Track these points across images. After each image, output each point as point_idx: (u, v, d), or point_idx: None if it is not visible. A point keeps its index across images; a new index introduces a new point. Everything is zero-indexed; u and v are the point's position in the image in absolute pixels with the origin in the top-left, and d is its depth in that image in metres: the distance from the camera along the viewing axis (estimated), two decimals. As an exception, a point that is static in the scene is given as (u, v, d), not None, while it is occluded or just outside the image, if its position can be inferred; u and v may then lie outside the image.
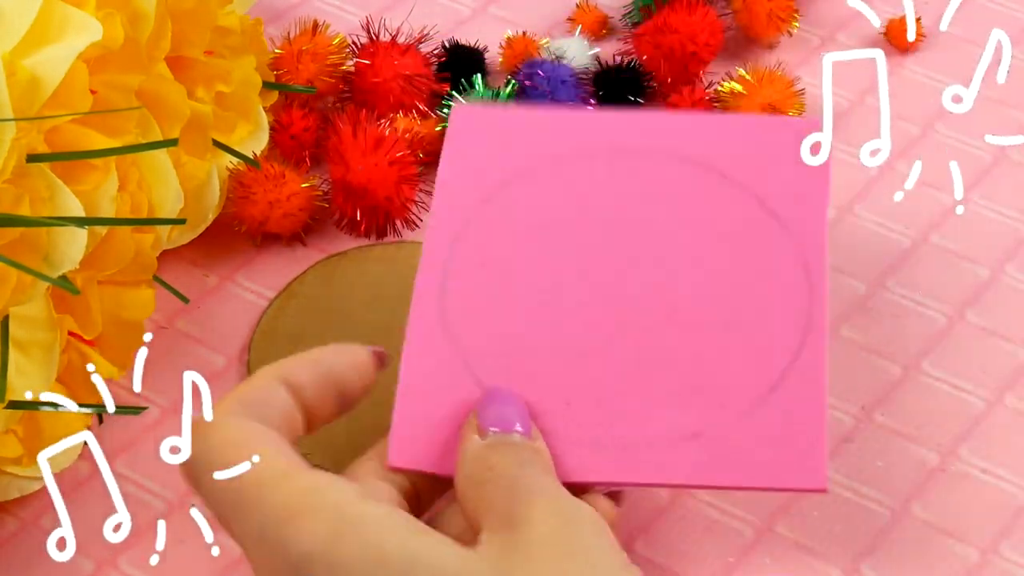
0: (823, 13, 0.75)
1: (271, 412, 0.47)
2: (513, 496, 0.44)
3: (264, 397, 0.47)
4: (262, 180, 0.63)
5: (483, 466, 0.46)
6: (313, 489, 0.44)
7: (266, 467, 0.44)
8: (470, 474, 0.46)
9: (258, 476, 0.44)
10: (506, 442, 0.47)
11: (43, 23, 0.52)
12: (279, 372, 0.47)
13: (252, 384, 0.47)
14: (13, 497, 0.54)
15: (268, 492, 0.44)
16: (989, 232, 0.66)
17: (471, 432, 0.47)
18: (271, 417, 0.46)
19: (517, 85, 0.68)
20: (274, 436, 0.46)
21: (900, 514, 0.56)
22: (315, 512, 0.43)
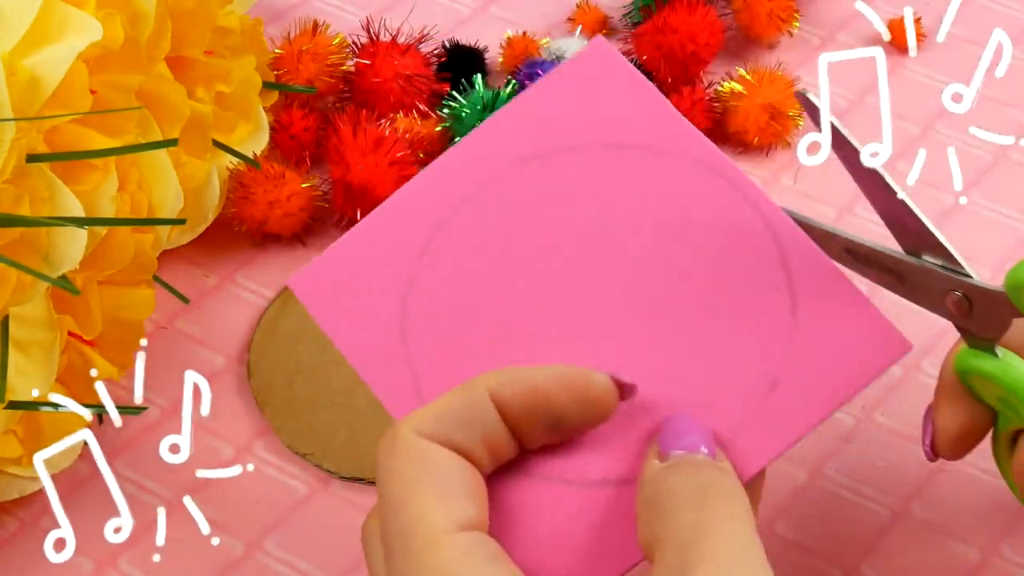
0: (823, 13, 0.75)
1: (470, 432, 0.43)
2: (688, 549, 0.40)
3: (467, 414, 0.43)
4: (262, 180, 0.63)
5: (664, 492, 0.42)
6: (452, 570, 0.41)
7: (424, 522, 0.41)
8: (648, 499, 0.42)
9: (411, 531, 0.41)
10: (687, 461, 0.43)
11: (43, 23, 0.52)
12: (492, 386, 0.44)
13: (459, 393, 0.44)
14: (13, 497, 0.54)
15: (415, 554, 0.41)
16: (989, 232, 0.66)
17: (651, 456, 0.44)
18: (466, 438, 0.43)
19: (517, 85, 0.68)
20: (453, 475, 0.42)
21: (900, 514, 0.56)
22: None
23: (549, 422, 0.44)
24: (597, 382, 0.44)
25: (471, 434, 0.43)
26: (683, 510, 0.41)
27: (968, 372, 0.48)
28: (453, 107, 0.67)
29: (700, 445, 0.43)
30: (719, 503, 0.41)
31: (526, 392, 0.43)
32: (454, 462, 0.43)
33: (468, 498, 0.42)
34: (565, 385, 0.44)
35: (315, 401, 0.59)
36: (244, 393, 0.59)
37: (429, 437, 0.43)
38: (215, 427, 0.58)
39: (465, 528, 0.41)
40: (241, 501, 0.56)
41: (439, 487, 0.42)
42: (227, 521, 0.55)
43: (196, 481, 0.56)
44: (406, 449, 0.43)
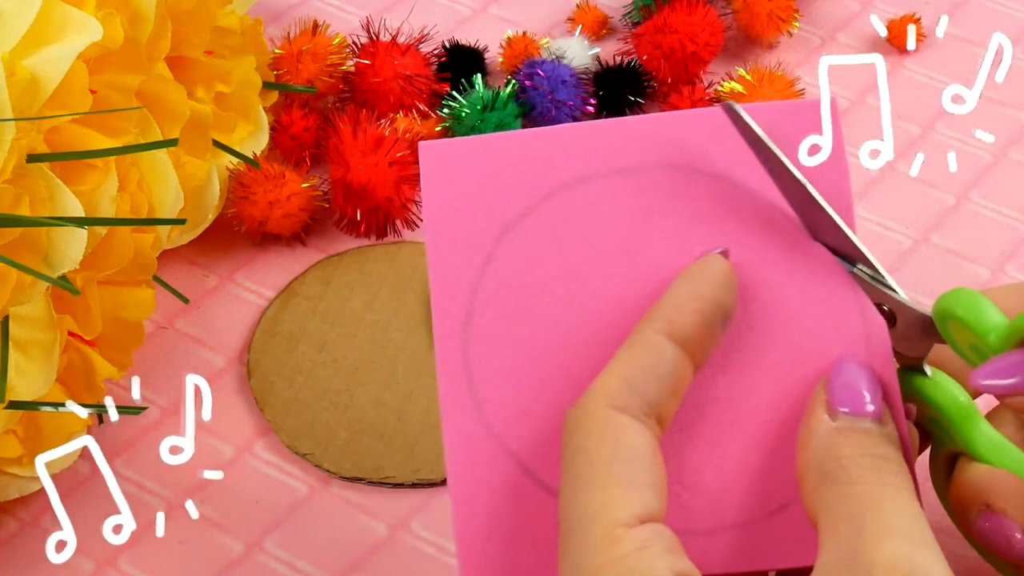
0: (823, 13, 0.75)
1: (660, 386, 0.43)
2: (859, 526, 0.41)
3: (651, 368, 0.43)
4: (262, 180, 0.63)
5: (832, 458, 0.43)
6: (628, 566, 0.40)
7: (607, 513, 0.41)
8: (818, 463, 0.43)
9: (592, 518, 0.41)
10: (857, 428, 0.43)
11: (43, 23, 0.52)
12: (662, 326, 0.43)
13: (636, 349, 0.43)
14: (13, 497, 0.54)
15: (592, 546, 0.41)
16: (989, 232, 0.66)
17: (819, 408, 0.44)
18: (658, 394, 0.43)
19: (517, 85, 0.68)
20: (642, 460, 0.42)
21: (900, 514, 0.56)
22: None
23: (722, 317, 0.44)
24: (718, 263, 0.45)
25: (661, 387, 0.43)
26: (855, 483, 0.42)
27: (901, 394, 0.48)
28: (453, 107, 0.67)
29: (868, 404, 0.44)
30: (890, 477, 0.42)
31: (695, 306, 0.44)
32: (646, 442, 0.42)
33: (652, 487, 0.42)
34: (709, 278, 0.44)
35: (315, 401, 0.59)
36: (244, 393, 0.59)
37: (624, 409, 0.42)
38: (215, 427, 0.58)
39: (645, 520, 0.41)
40: (241, 501, 0.56)
41: (628, 475, 0.42)
42: (227, 521, 0.55)
43: (196, 481, 0.56)
44: (601, 427, 0.42)
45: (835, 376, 0.45)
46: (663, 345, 0.43)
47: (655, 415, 0.43)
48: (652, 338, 0.43)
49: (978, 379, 0.44)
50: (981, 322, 0.44)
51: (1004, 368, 0.44)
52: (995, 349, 0.44)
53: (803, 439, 0.44)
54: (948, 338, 0.45)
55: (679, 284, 0.44)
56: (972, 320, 0.44)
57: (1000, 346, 0.43)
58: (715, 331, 0.44)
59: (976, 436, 0.46)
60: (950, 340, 0.45)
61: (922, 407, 0.47)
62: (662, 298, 0.44)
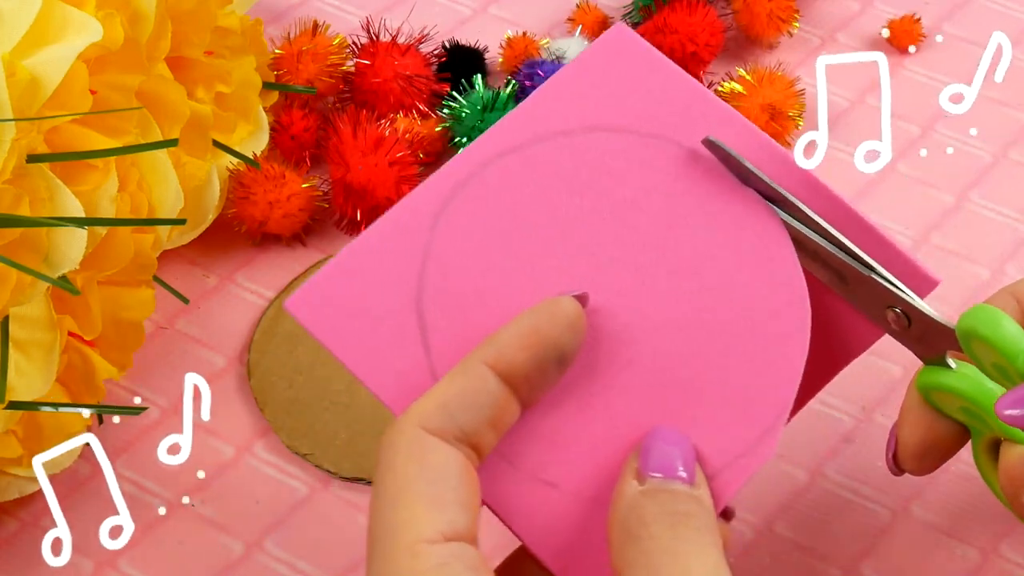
0: (823, 13, 0.75)
1: (476, 415, 0.43)
2: (656, 574, 0.41)
3: (470, 397, 0.43)
4: (262, 180, 0.63)
5: (635, 516, 0.42)
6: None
7: (409, 528, 0.41)
8: (622, 522, 0.42)
9: (395, 533, 0.41)
10: (664, 489, 0.43)
11: (43, 23, 0.52)
12: (490, 357, 0.43)
13: (459, 377, 0.43)
14: (13, 498, 0.54)
15: (393, 560, 0.41)
16: (989, 232, 0.66)
17: (630, 475, 0.43)
18: (474, 419, 0.43)
19: (517, 85, 0.68)
20: (450, 480, 0.42)
21: (900, 514, 0.56)
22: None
23: (556, 359, 0.44)
24: (568, 304, 0.44)
25: (478, 416, 0.43)
26: (655, 539, 0.41)
27: (928, 388, 0.48)
28: (453, 107, 0.67)
29: (679, 469, 0.43)
30: (691, 532, 0.42)
31: (527, 342, 0.43)
32: (455, 464, 0.42)
33: (459, 506, 0.42)
34: (551, 319, 0.44)
35: (315, 401, 0.59)
36: (244, 393, 0.59)
37: (436, 432, 0.42)
38: (215, 427, 0.58)
39: (450, 538, 0.41)
40: (241, 501, 0.56)
41: (432, 492, 0.41)
42: (227, 521, 0.55)
43: (196, 481, 0.56)
44: (407, 446, 0.42)
45: (648, 445, 0.44)
46: (486, 376, 0.43)
47: (469, 443, 0.43)
48: (476, 367, 0.43)
49: (1002, 409, 0.44)
50: (1007, 344, 0.44)
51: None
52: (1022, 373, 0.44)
53: (613, 502, 0.43)
54: (971, 354, 0.45)
55: (520, 319, 0.44)
56: (999, 342, 0.44)
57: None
58: (548, 372, 0.44)
59: None
60: (973, 357, 0.45)
61: (951, 398, 0.47)
62: (499, 330, 0.44)
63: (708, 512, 0.43)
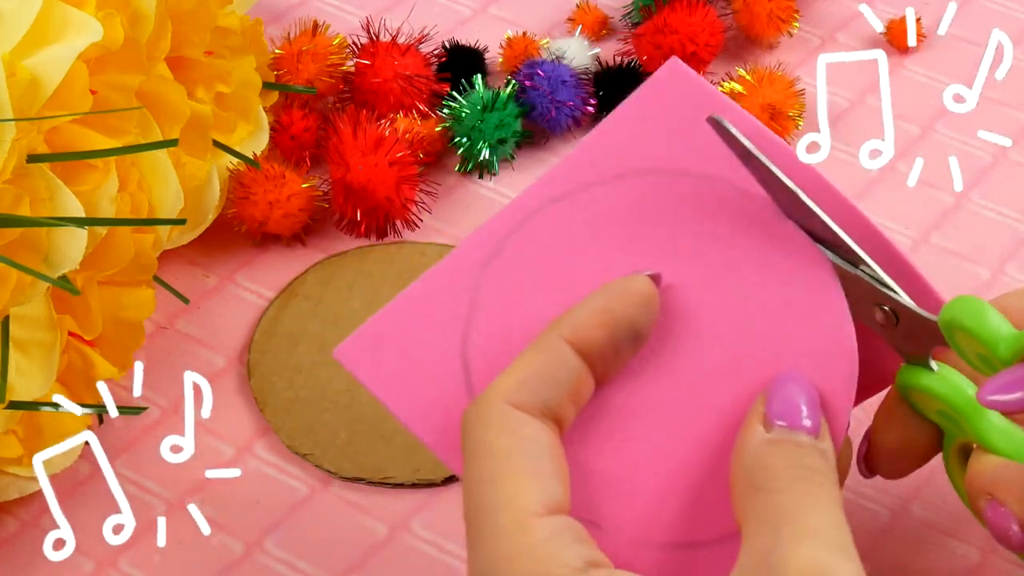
0: (823, 13, 0.75)
1: (558, 390, 0.43)
2: (778, 529, 0.41)
3: (551, 371, 0.43)
4: (262, 180, 0.63)
5: (761, 467, 0.43)
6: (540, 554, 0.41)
7: (515, 502, 0.41)
8: (747, 471, 0.43)
9: (500, 508, 0.41)
10: (790, 440, 0.43)
11: (43, 23, 0.52)
12: (568, 333, 0.44)
13: (538, 352, 0.44)
14: (13, 497, 0.54)
15: (502, 535, 0.41)
16: (989, 232, 0.66)
17: (755, 420, 0.44)
18: (554, 397, 0.43)
19: (517, 85, 0.68)
20: (545, 452, 0.42)
21: (900, 514, 0.56)
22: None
23: (630, 337, 0.44)
24: (642, 282, 0.45)
25: (559, 391, 0.43)
26: (780, 492, 0.42)
27: (907, 388, 0.48)
28: (453, 107, 0.67)
29: (804, 418, 0.44)
30: (815, 487, 0.42)
31: (603, 320, 0.44)
32: (545, 437, 0.43)
33: (556, 478, 0.42)
34: (625, 297, 0.44)
35: (315, 401, 0.59)
36: (244, 393, 0.59)
37: (521, 407, 0.43)
38: (215, 427, 0.58)
39: (553, 511, 0.41)
40: (241, 501, 0.56)
41: (532, 465, 0.42)
42: (227, 521, 0.55)
43: (196, 481, 0.56)
44: (500, 422, 0.42)
45: (775, 389, 0.45)
46: (564, 351, 0.44)
47: (552, 416, 0.43)
48: (555, 343, 0.44)
49: (984, 395, 0.44)
50: (989, 333, 0.44)
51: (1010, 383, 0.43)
52: (1004, 360, 0.44)
53: (737, 449, 0.44)
54: (955, 346, 0.45)
55: (595, 296, 0.45)
56: (980, 331, 0.44)
57: (1010, 357, 0.43)
58: (622, 350, 0.44)
59: (986, 426, 0.47)
60: (957, 348, 0.45)
61: (929, 400, 0.47)
62: (576, 305, 0.44)
63: (831, 467, 0.43)
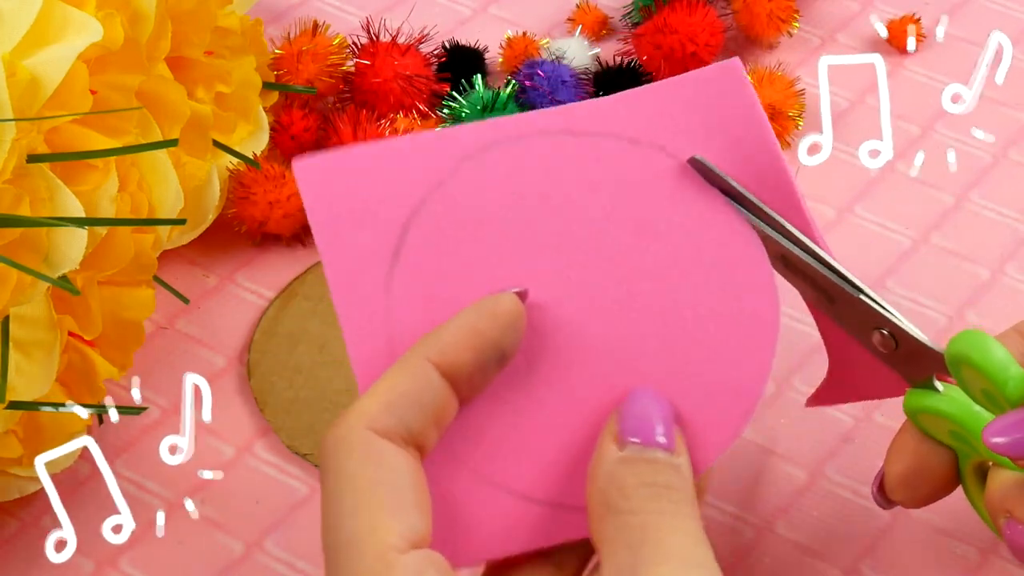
0: (823, 13, 0.75)
1: (422, 414, 0.42)
2: (636, 552, 0.40)
3: (415, 395, 0.42)
4: (262, 180, 0.63)
5: (616, 488, 0.42)
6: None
7: (376, 537, 0.40)
8: (602, 492, 0.42)
9: (362, 542, 0.40)
10: (643, 458, 0.42)
11: (43, 23, 0.52)
12: (433, 354, 0.43)
13: (404, 375, 0.42)
14: (13, 498, 0.54)
15: (364, 571, 0.40)
16: (989, 232, 0.66)
17: (608, 439, 0.43)
18: (420, 419, 0.42)
19: (517, 85, 0.68)
20: (406, 482, 0.41)
21: (900, 514, 0.56)
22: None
23: (496, 358, 0.43)
24: (509, 302, 0.44)
25: (424, 414, 0.42)
26: (635, 513, 0.41)
27: (915, 411, 0.48)
28: (453, 107, 0.67)
29: (658, 435, 0.43)
30: (670, 504, 0.41)
31: (471, 342, 0.43)
32: (408, 466, 0.41)
33: (417, 510, 0.41)
34: (493, 318, 0.43)
35: (315, 401, 0.59)
36: (244, 393, 0.59)
37: (385, 433, 0.41)
38: (215, 427, 0.58)
39: (416, 544, 0.40)
40: (241, 501, 0.56)
41: (393, 498, 0.41)
42: (227, 521, 0.55)
43: (196, 481, 0.56)
44: (363, 450, 0.41)
45: (627, 406, 0.44)
46: (430, 374, 0.42)
47: (415, 443, 0.42)
48: (421, 365, 0.42)
49: (989, 437, 0.43)
50: (997, 371, 0.43)
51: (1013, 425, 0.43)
52: (1012, 401, 0.43)
53: (591, 469, 0.43)
54: (960, 381, 0.45)
55: (462, 316, 0.43)
56: (988, 367, 0.43)
57: (1019, 398, 0.43)
58: (488, 371, 0.43)
59: None
60: (962, 383, 0.45)
61: (939, 421, 0.47)
62: (440, 326, 0.43)
63: (687, 482, 0.42)
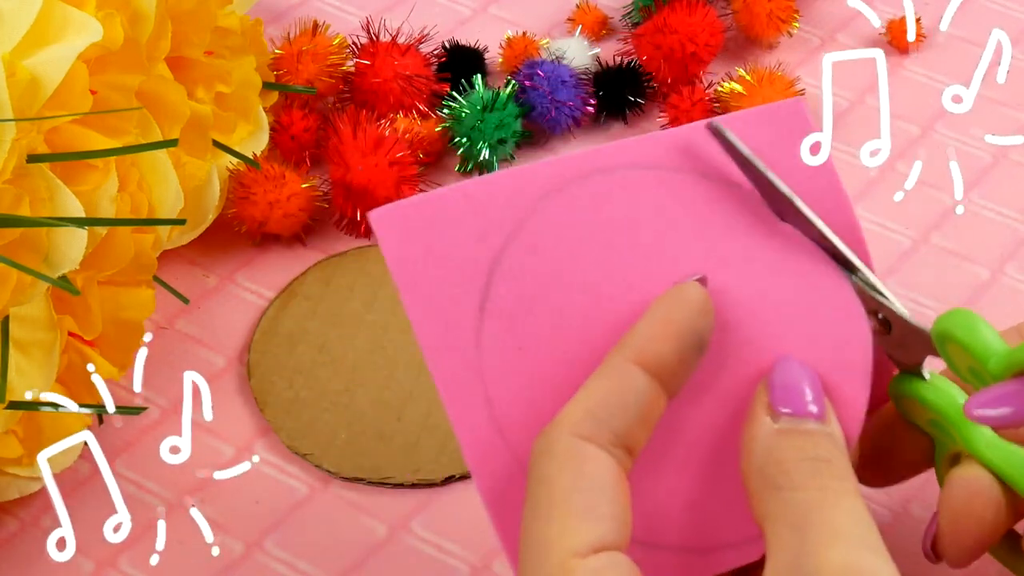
0: (823, 13, 0.75)
1: (626, 416, 0.42)
2: (804, 532, 0.40)
3: (618, 398, 0.42)
4: (262, 180, 0.63)
5: (774, 462, 0.42)
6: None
7: (562, 542, 0.40)
8: (760, 468, 0.42)
9: (547, 548, 0.40)
10: (799, 430, 0.42)
11: (43, 23, 0.52)
12: (633, 353, 0.42)
13: (604, 378, 0.42)
14: (13, 497, 0.54)
15: (542, 572, 0.40)
16: (989, 232, 0.66)
17: (760, 410, 0.43)
18: (625, 420, 0.42)
19: (517, 85, 0.68)
20: (605, 490, 0.41)
21: (900, 514, 0.56)
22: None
23: (696, 346, 0.43)
24: (696, 290, 0.44)
25: (628, 415, 0.42)
26: (798, 488, 0.41)
27: (899, 397, 0.48)
28: (453, 107, 0.67)
29: (810, 404, 0.43)
30: (832, 480, 0.41)
31: (668, 331, 0.43)
32: (609, 472, 0.41)
33: (612, 518, 0.41)
34: (685, 305, 0.43)
35: (315, 401, 0.59)
36: (244, 393, 0.59)
37: (590, 438, 0.41)
38: (215, 427, 0.58)
39: (602, 549, 0.40)
40: (241, 501, 0.56)
41: (586, 505, 0.40)
42: (227, 521, 0.55)
43: (196, 481, 0.56)
44: (564, 455, 0.41)
45: (776, 376, 0.44)
46: (633, 373, 0.42)
47: (622, 445, 0.42)
48: (622, 366, 0.42)
49: (971, 408, 0.43)
50: (981, 347, 0.43)
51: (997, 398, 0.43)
52: (994, 375, 0.43)
53: (746, 444, 0.43)
54: (947, 359, 0.45)
55: (653, 311, 0.43)
56: (972, 344, 0.44)
57: (1000, 373, 0.43)
58: (689, 360, 0.43)
59: (975, 436, 0.46)
60: (949, 361, 0.45)
61: (920, 409, 0.47)
62: (635, 325, 0.43)
63: (844, 453, 0.42)
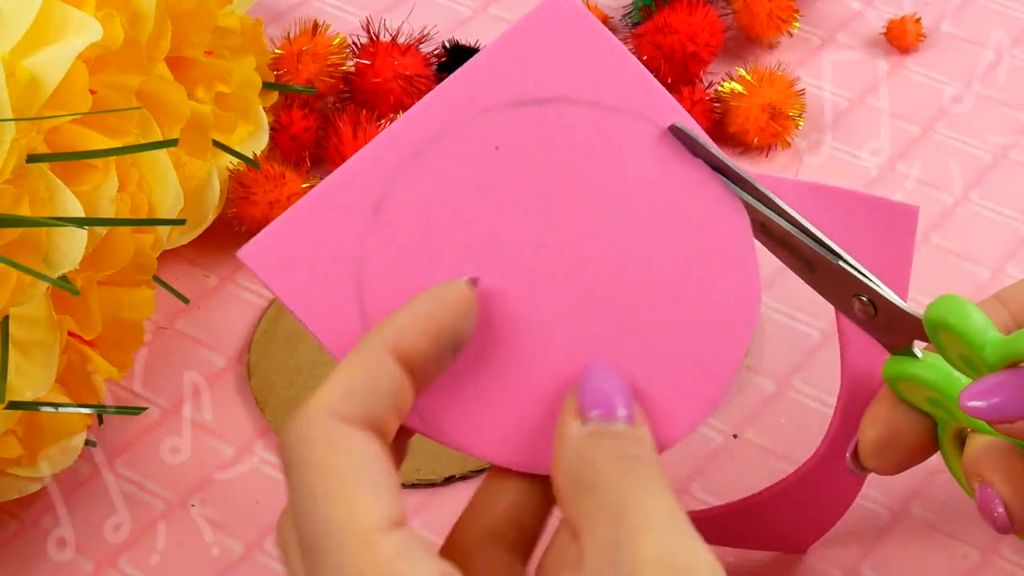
0: (823, 13, 0.75)
1: (381, 402, 0.42)
2: (617, 524, 0.40)
3: (372, 384, 0.42)
4: (262, 180, 0.63)
5: (587, 464, 0.42)
6: (392, 572, 0.39)
7: (356, 520, 0.40)
8: (571, 471, 0.42)
9: (341, 527, 0.40)
10: (609, 432, 0.42)
11: (43, 23, 0.52)
12: (389, 342, 0.42)
13: (359, 364, 0.42)
14: (13, 497, 0.54)
15: (348, 553, 0.39)
16: (989, 232, 0.66)
17: (570, 416, 0.43)
18: (379, 409, 0.42)
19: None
20: (375, 465, 0.41)
21: (900, 514, 0.56)
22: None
23: (452, 346, 0.43)
24: (462, 289, 0.44)
25: (383, 402, 0.42)
26: (611, 484, 0.41)
27: (894, 378, 0.48)
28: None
29: (618, 408, 0.43)
30: (643, 475, 0.41)
31: (426, 328, 0.43)
32: (374, 449, 0.41)
33: (390, 492, 0.40)
34: (446, 304, 0.43)
35: (315, 401, 0.59)
36: (244, 393, 0.59)
37: (346, 419, 0.41)
38: (215, 427, 0.58)
39: (397, 524, 0.40)
40: (241, 501, 0.56)
41: (366, 479, 0.40)
42: (227, 521, 0.55)
43: (196, 481, 0.56)
44: (327, 437, 0.41)
45: (585, 381, 0.44)
46: (387, 362, 0.42)
47: (376, 428, 0.42)
48: (377, 353, 0.42)
49: (965, 400, 0.43)
50: (975, 334, 0.43)
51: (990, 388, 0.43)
52: (990, 364, 0.43)
53: (556, 448, 0.43)
54: (938, 345, 0.45)
55: (417, 304, 0.43)
56: (965, 332, 0.43)
57: (995, 362, 0.43)
58: (444, 357, 0.43)
59: None
60: (940, 348, 0.45)
61: (917, 388, 0.47)
62: (395, 313, 0.43)
63: (654, 453, 0.43)
